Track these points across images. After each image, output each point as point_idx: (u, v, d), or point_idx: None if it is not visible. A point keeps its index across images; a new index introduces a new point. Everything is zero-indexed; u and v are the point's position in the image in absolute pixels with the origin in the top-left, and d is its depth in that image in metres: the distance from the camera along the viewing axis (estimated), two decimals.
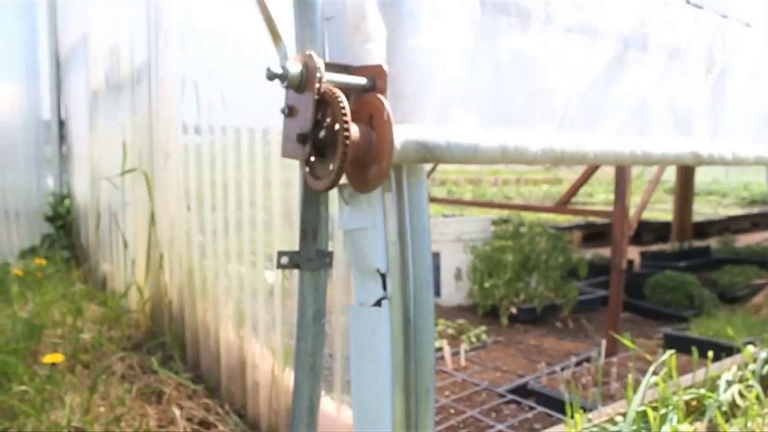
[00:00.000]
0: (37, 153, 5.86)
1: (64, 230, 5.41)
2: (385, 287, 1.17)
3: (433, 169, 6.22)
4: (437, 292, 4.65)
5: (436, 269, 4.62)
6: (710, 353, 2.35)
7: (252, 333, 2.44)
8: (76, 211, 5.30)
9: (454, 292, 4.55)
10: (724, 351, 2.59)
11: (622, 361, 3.20)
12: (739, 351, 2.53)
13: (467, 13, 1.18)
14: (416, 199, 1.16)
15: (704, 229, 8.51)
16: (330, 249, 1.18)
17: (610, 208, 3.23)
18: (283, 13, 1.06)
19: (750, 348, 2.51)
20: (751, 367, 2.47)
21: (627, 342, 2.09)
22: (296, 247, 1.17)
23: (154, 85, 3.00)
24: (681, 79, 1.68)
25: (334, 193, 1.13)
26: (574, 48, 1.38)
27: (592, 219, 8.07)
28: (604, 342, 3.18)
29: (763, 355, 2.50)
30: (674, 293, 4.61)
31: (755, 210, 10.34)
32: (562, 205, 3.57)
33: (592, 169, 3.80)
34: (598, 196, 8.81)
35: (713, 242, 7.56)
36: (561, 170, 14.38)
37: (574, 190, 3.52)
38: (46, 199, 5.71)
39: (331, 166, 1.00)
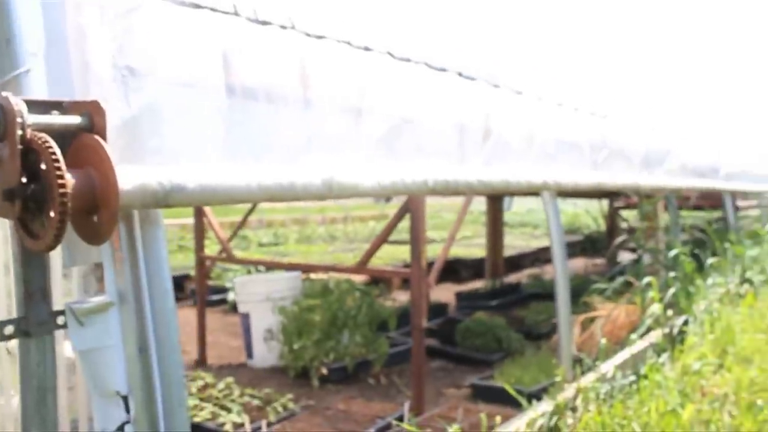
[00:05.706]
0: None
1: None
2: (128, 410, 1.07)
3: (251, 211, 5.73)
4: (249, 355, 4.48)
5: (247, 331, 4.45)
6: (498, 418, 2.39)
7: None
8: None
9: (266, 354, 4.39)
10: (528, 398, 2.59)
11: (428, 421, 3.20)
12: (539, 399, 2.58)
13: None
14: (154, 258, 1.03)
15: (518, 262, 8.95)
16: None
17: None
18: None
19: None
20: (540, 422, 2.53)
21: None
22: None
23: None
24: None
25: None
26: None
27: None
28: (407, 405, 3.17)
29: (548, 407, 2.56)
30: (483, 337, 4.73)
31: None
32: (362, 265, 3.55)
33: (397, 219, 3.81)
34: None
35: (525, 276, 7.95)
36: (388, 207, 14.64)
37: (374, 249, 3.51)
38: None
39: (49, 223, 0.86)
